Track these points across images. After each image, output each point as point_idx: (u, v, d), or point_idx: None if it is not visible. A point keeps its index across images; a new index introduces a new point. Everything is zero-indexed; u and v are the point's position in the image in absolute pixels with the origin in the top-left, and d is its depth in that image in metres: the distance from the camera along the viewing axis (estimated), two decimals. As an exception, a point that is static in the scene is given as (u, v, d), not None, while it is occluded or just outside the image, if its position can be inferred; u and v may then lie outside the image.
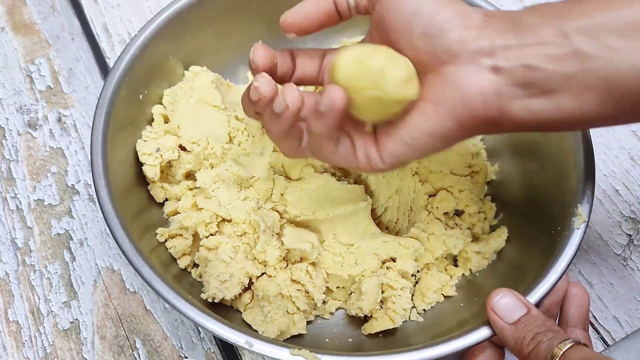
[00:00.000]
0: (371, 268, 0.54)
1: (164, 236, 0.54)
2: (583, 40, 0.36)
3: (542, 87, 0.37)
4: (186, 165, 0.56)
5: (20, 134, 0.67)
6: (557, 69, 0.36)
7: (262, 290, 0.52)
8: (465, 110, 0.38)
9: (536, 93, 0.38)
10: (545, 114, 0.38)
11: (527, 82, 0.37)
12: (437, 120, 0.39)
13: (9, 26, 0.75)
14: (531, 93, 0.38)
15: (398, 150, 0.41)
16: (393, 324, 0.52)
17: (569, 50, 0.36)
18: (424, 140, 0.40)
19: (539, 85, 0.37)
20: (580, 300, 0.51)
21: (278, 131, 0.44)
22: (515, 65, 0.37)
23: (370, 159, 0.43)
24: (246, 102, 0.44)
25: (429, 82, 0.40)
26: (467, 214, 0.58)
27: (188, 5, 0.57)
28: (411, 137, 0.40)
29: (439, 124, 0.39)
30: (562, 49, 0.36)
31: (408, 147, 0.41)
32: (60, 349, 0.56)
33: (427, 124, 0.40)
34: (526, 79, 0.37)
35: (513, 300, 0.44)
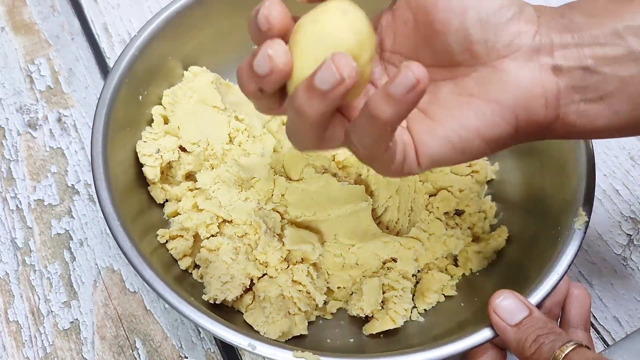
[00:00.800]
0: (372, 268, 0.54)
1: (165, 237, 0.54)
2: (636, 41, 0.33)
3: (598, 91, 0.35)
4: (186, 166, 0.56)
5: (20, 134, 0.67)
6: (614, 72, 0.34)
7: (263, 291, 0.52)
8: (525, 113, 0.35)
9: (592, 98, 0.35)
10: (600, 121, 0.36)
11: (584, 85, 0.35)
12: (494, 121, 0.35)
13: (9, 26, 0.75)
14: (587, 97, 0.35)
15: (440, 151, 0.36)
16: (394, 324, 0.52)
17: (624, 51, 0.34)
18: (474, 142, 0.36)
19: (595, 89, 0.35)
20: (582, 301, 0.51)
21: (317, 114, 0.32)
22: (574, 66, 0.35)
23: (407, 161, 0.36)
24: (247, 75, 0.34)
25: (483, 76, 0.36)
26: (468, 213, 0.58)
27: (187, 6, 0.57)
28: (460, 137, 0.36)
29: (495, 126, 0.35)
30: (617, 50, 0.34)
31: (453, 148, 0.36)
32: (60, 349, 0.56)
33: (481, 124, 0.35)
34: (584, 82, 0.35)
35: (515, 302, 0.44)
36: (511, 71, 0.35)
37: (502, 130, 0.36)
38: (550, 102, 0.35)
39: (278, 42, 0.32)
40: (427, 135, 0.36)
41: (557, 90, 0.35)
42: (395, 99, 0.30)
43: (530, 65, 0.35)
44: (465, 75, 0.37)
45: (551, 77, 0.35)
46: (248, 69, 0.33)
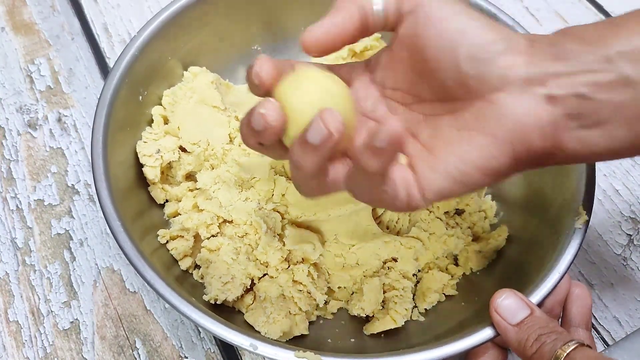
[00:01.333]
0: (372, 268, 0.54)
1: (165, 238, 0.54)
2: (628, 67, 0.34)
3: (594, 117, 0.35)
4: (186, 166, 0.56)
5: (20, 134, 0.67)
6: (608, 98, 0.34)
7: (264, 292, 0.52)
8: (522, 145, 0.36)
9: (589, 124, 0.35)
10: (598, 146, 0.36)
11: (579, 113, 0.35)
12: (492, 154, 0.36)
13: (9, 26, 0.75)
14: (584, 124, 0.35)
15: (442, 186, 0.37)
16: (395, 324, 0.52)
17: (616, 77, 0.34)
18: (474, 175, 0.36)
19: (590, 116, 0.35)
20: (583, 300, 0.51)
21: (311, 166, 0.36)
22: (568, 95, 0.35)
23: (411, 197, 0.37)
24: (247, 131, 0.38)
25: (479, 110, 0.36)
26: (468, 213, 0.58)
27: (187, 6, 0.57)
28: (460, 171, 0.36)
29: (494, 159, 0.36)
30: (609, 76, 0.34)
31: (455, 182, 0.37)
32: (60, 349, 0.56)
33: (479, 158, 0.36)
34: (578, 109, 0.35)
35: (516, 302, 0.44)
36: (506, 104, 0.35)
37: (500, 162, 0.36)
38: (547, 132, 0.36)
39: (270, 101, 0.36)
40: (429, 171, 0.37)
41: (553, 119, 0.35)
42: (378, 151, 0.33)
43: (525, 97, 0.35)
44: (464, 109, 0.37)
45: (546, 107, 0.35)
46: (247, 125, 0.37)
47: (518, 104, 0.35)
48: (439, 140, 0.38)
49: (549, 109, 0.35)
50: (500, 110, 0.36)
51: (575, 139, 0.36)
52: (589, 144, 0.36)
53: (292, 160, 0.37)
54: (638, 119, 0.34)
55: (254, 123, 0.36)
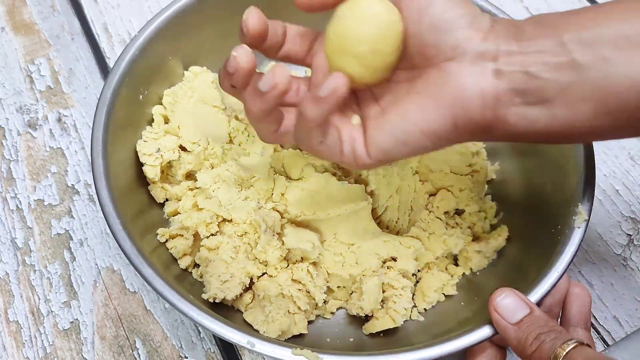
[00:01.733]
0: (372, 267, 0.54)
1: (165, 236, 0.54)
2: (579, 51, 0.36)
3: (539, 95, 0.37)
4: (186, 165, 0.56)
5: (20, 134, 0.67)
6: (554, 78, 0.36)
7: (263, 290, 0.52)
8: (462, 112, 0.38)
9: (532, 101, 0.37)
10: (539, 124, 0.38)
11: (524, 89, 0.37)
12: (433, 117, 0.39)
13: (9, 26, 0.75)
14: (528, 101, 0.37)
15: (386, 145, 0.40)
16: (394, 323, 0.52)
17: (566, 59, 0.36)
18: (415, 136, 0.39)
19: (535, 93, 0.37)
20: (582, 300, 0.51)
21: (258, 110, 0.41)
22: (516, 71, 0.37)
23: (356, 154, 0.41)
24: (223, 74, 0.43)
25: (430, 77, 0.39)
26: (468, 213, 0.58)
27: (188, 6, 0.57)
28: (403, 130, 0.39)
29: (434, 121, 0.39)
30: (559, 58, 0.36)
31: (397, 142, 0.40)
32: (60, 349, 0.56)
33: (422, 119, 0.39)
34: (524, 85, 0.37)
35: (516, 301, 0.44)
36: (453, 72, 0.38)
37: (440, 125, 0.39)
38: (488, 103, 0.38)
39: (243, 47, 0.40)
40: (375, 130, 0.41)
41: (496, 92, 0.38)
42: (319, 100, 0.37)
43: (473, 68, 0.38)
44: (419, 76, 0.40)
45: (491, 80, 0.38)
46: (223, 68, 0.42)
47: (465, 73, 0.38)
48: (392, 103, 0.42)
49: (495, 82, 0.38)
50: (448, 77, 0.38)
51: (518, 114, 0.38)
52: (531, 121, 0.38)
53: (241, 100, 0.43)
54: (579, 101, 0.36)
55: (228, 65, 0.40)
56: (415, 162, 0.59)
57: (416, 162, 0.59)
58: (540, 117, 0.38)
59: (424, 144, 0.40)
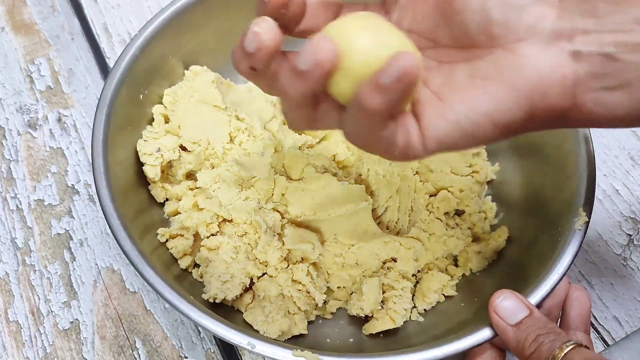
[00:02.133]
0: (372, 268, 0.55)
1: (165, 236, 0.54)
2: None
3: (618, 79, 0.33)
4: (187, 165, 0.56)
5: (20, 134, 0.67)
6: (635, 60, 0.33)
7: (263, 291, 0.52)
8: (540, 99, 0.34)
9: (611, 85, 0.34)
10: (618, 109, 0.34)
11: (603, 72, 0.33)
12: (508, 106, 0.34)
13: (9, 26, 0.75)
14: (606, 85, 0.34)
15: (446, 134, 0.35)
16: (394, 324, 0.52)
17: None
18: (484, 125, 0.34)
19: (615, 77, 0.33)
20: (582, 303, 0.51)
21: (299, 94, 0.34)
22: (594, 52, 0.33)
23: (410, 145, 0.35)
24: (239, 54, 0.35)
25: (498, 59, 0.35)
26: (468, 213, 0.58)
27: (188, 5, 0.57)
28: (471, 122, 0.34)
29: (509, 111, 0.34)
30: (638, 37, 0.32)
31: (462, 132, 0.35)
32: (60, 349, 0.56)
33: (493, 108, 0.34)
34: (603, 69, 0.33)
35: (515, 302, 0.44)
36: (529, 55, 0.34)
37: (514, 115, 0.34)
38: (568, 89, 0.34)
39: (265, 19, 0.33)
40: (436, 119, 0.35)
41: (576, 76, 0.34)
42: (384, 88, 0.31)
43: (549, 50, 0.34)
44: (481, 57, 0.36)
45: (570, 63, 0.34)
46: (239, 47, 0.34)
47: (542, 57, 0.34)
48: (451, 88, 0.36)
49: (573, 65, 0.34)
50: (522, 61, 0.34)
51: (595, 99, 0.34)
52: (611, 107, 0.34)
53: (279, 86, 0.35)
54: None
55: (247, 43, 0.33)
56: (415, 162, 0.59)
57: (416, 162, 0.59)
58: (620, 103, 0.34)
59: (491, 135, 0.35)
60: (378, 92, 0.31)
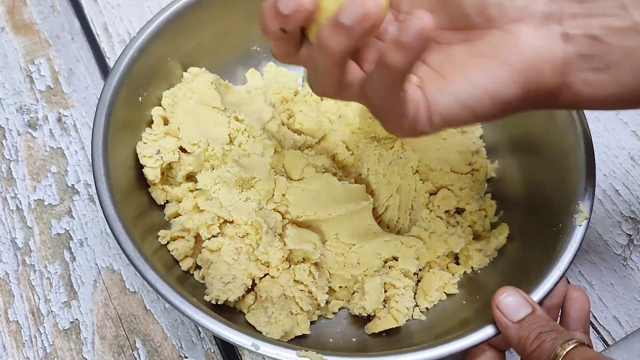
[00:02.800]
0: (373, 267, 0.55)
1: (166, 238, 0.54)
2: None
3: (604, 60, 0.36)
4: (187, 167, 0.56)
5: (20, 134, 0.67)
6: (619, 43, 0.35)
7: (265, 291, 0.52)
8: (534, 76, 0.36)
9: (599, 66, 0.36)
10: (605, 90, 0.37)
11: (590, 54, 0.36)
12: (504, 81, 0.36)
13: (9, 26, 0.75)
14: (594, 66, 0.36)
15: (451, 110, 0.37)
16: (396, 322, 0.52)
17: (629, 23, 0.35)
18: (483, 101, 0.37)
19: (601, 58, 0.36)
20: (581, 303, 0.51)
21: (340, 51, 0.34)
22: (582, 35, 0.36)
23: (419, 118, 0.37)
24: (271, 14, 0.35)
25: (495, 39, 0.37)
26: (468, 211, 0.58)
27: (186, 7, 0.57)
28: (471, 95, 0.37)
29: (505, 86, 0.36)
30: (622, 22, 0.35)
31: (464, 107, 0.37)
32: (60, 349, 0.56)
33: (491, 84, 0.36)
34: (590, 50, 0.36)
35: (518, 299, 0.44)
36: (523, 35, 0.36)
37: (511, 91, 0.37)
38: (558, 68, 0.36)
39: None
40: (439, 93, 0.37)
41: (565, 56, 0.36)
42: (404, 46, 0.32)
43: (541, 31, 0.36)
44: (479, 38, 0.38)
45: (560, 44, 0.36)
46: (272, 8, 0.35)
47: (535, 37, 0.36)
48: (451, 65, 0.38)
49: (564, 46, 0.36)
50: (517, 40, 0.36)
51: (583, 80, 0.37)
52: (596, 87, 0.37)
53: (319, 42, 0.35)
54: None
55: (283, 4, 0.34)
56: (415, 161, 0.59)
57: (416, 161, 0.59)
58: (605, 83, 0.36)
59: (489, 110, 0.37)
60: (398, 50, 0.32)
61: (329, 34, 0.34)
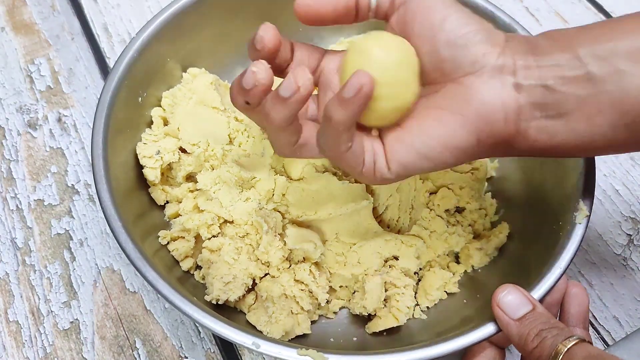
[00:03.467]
0: (374, 267, 0.55)
1: (166, 239, 0.54)
2: (595, 64, 0.36)
3: (557, 108, 0.38)
4: (187, 167, 0.56)
5: (20, 134, 0.67)
6: (571, 91, 0.37)
7: (265, 291, 0.52)
8: (486, 125, 0.38)
9: (552, 114, 0.38)
10: (559, 137, 0.38)
11: (543, 102, 0.38)
12: (456, 131, 0.38)
13: (9, 26, 0.75)
14: (547, 114, 0.38)
15: (407, 159, 0.40)
16: (397, 322, 0.52)
17: (582, 72, 0.37)
18: (438, 150, 0.39)
19: (554, 106, 0.38)
20: (580, 299, 0.51)
21: (280, 119, 0.39)
22: (535, 85, 0.37)
23: (377, 165, 0.40)
24: (236, 90, 0.40)
25: (449, 91, 0.39)
26: (468, 210, 0.58)
27: (186, 7, 0.57)
28: (425, 145, 0.39)
29: (458, 135, 0.38)
30: (575, 72, 0.37)
31: (419, 156, 0.39)
32: (60, 349, 0.56)
33: (444, 134, 0.39)
34: (543, 99, 0.37)
35: (519, 297, 0.44)
36: (474, 86, 0.38)
37: (464, 140, 0.39)
38: (510, 117, 0.38)
39: (261, 63, 0.38)
40: (396, 143, 0.40)
41: (518, 105, 0.38)
42: (346, 101, 0.36)
43: (493, 82, 0.38)
44: (436, 91, 0.40)
45: (512, 93, 0.38)
46: (237, 84, 0.40)
47: (486, 87, 0.38)
48: (409, 117, 0.40)
49: (516, 95, 0.38)
50: (469, 91, 0.38)
51: (538, 127, 0.38)
52: (551, 134, 0.38)
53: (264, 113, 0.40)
54: (597, 113, 0.37)
55: (245, 81, 0.38)
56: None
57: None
58: (559, 131, 0.38)
59: (445, 159, 0.39)
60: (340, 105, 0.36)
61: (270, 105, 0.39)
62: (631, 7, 0.77)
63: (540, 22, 0.78)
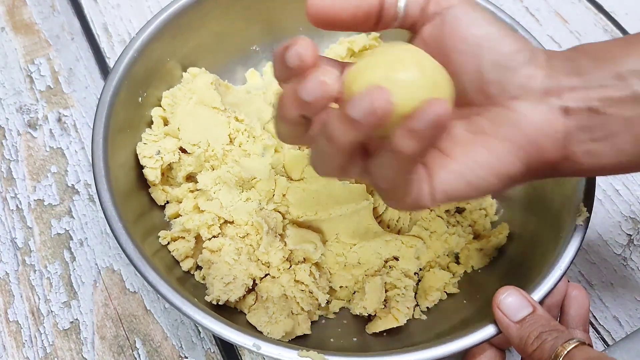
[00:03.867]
0: (374, 267, 0.55)
1: (167, 239, 0.54)
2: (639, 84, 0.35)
3: (604, 131, 0.36)
4: (187, 167, 0.56)
5: (20, 134, 0.67)
6: (618, 113, 0.36)
7: (266, 292, 0.52)
8: (536, 151, 0.37)
9: (598, 137, 0.37)
10: (605, 159, 0.37)
11: (590, 125, 0.36)
12: (508, 159, 0.37)
13: (9, 26, 0.74)
14: (594, 137, 0.37)
15: (453, 187, 0.37)
16: (397, 322, 0.52)
17: (628, 93, 0.35)
18: (487, 179, 0.37)
19: (601, 128, 0.36)
20: (581, 302, 0.51)
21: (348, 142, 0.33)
22: (581, 107, 0.36)
23: (420, 195, 0.37)
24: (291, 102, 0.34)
25: (496, 116, 0.37)
26: (468, 211, 0.59)
27: (186, 7, 0.57)
28: (476, 174, 0.37)
29: (509, 163, 0.37)
30: (621, 92, 0.36)
31: (466, 184, 0.37)
32: (60, 349, 0.56)
33: (496, 162, 0.37)
34: (590, 122, 0.36)
35: (519, 299, 0.44)
36: (523, 111, 0.37)
37: (514, 167, 0.37)
38: (559, 142, 0.37)
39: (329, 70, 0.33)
40: (442, 171, 0.37)
41: (566, 130, 0.37)
42: (418, 134, 0.31)
43: (541, 107, 0.37)
44: (478, 114, 0.38)
45: (560, 118, 0.37)
46: (292, 95, 0.34)
47: (535, 113, 0.36)
48: (453, 143, 0.38)
49: (563, 120, 0.36)
50: (518, 117, 0.37)
51: (585, 151, 0.37)
52: (598, 157, 0.37)
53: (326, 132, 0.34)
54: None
55: (306, 93, 0.32)
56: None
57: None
58: (606, 153, 0.37)
59: (493, 187, 0.37)
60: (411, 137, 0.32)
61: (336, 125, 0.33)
62: (631, 7, 0.77)
63: (540, 22, 0.78)
